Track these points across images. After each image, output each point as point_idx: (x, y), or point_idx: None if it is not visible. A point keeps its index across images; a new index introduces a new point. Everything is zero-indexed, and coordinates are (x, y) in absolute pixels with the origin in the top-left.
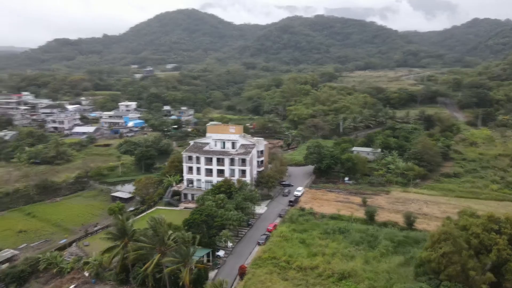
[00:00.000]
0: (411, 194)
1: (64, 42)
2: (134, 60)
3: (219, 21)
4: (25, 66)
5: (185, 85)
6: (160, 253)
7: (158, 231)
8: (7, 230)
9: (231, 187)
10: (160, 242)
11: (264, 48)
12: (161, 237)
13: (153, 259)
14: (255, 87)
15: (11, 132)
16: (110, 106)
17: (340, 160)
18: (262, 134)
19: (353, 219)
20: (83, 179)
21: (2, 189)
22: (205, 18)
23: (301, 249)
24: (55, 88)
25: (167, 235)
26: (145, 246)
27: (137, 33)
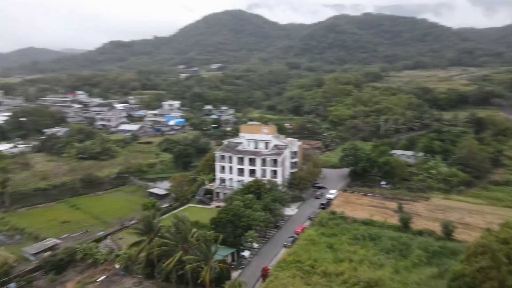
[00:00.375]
0: (453, 202)
1: (118, 44)
2: (181, 60)
3: (264, 21)
4: (83, 67)
5: (228, 84)
6: (182, 250)
7: (180, 229)
8: (52, 220)
9: (261, 188)
10: (183, 240)
11: (308, 48)
12: (183, 235)
13: (175, 256)
14: (297, 87)
15: (64, 128)
16: (154, 105)
17: (377, 163)
18: (301, 134)
19: (386, 225)
20: (124, 175)
21: (52, 182)
22: (251, 19)
23: (328, 254)
24: (106, 88)
25: (190, 233)
26: (169, 242)
27: (185, 34)
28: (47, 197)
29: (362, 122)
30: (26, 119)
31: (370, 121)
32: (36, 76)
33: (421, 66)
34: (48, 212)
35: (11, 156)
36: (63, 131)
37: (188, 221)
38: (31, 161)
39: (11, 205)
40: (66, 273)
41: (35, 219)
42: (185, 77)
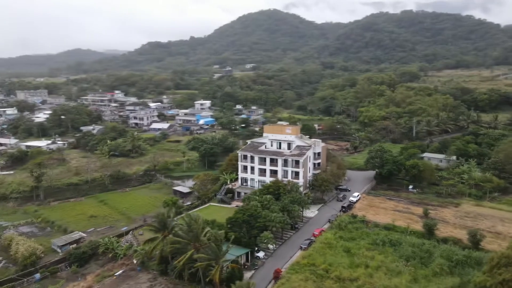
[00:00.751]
0: (485, 209)
1: (156, 45)
2: (216, 60)
3: (300, 20)
4: (123, 67)
5: (259, 84)
6: (194, 249)
7: (192, 228)
8: (81, 214)
9: (280, 188)
10: (194, 239)
11: (344, 47)
12: (195, 233)
13: (186, 254)
14: (329, 87)
15: (98, 126)
16: (186, 104)
17: (404, 166)
18: (330, 135)
19: (409, 231)
20: (151, 172)
21: (83, 177)
22: (286, 18)
23: (344, 258)
24: (142, 87)
25: (202, 232)
26: (181, 240)
27: (220, 34)
28: (78, 191)
29: (393, 124)
30: (65, 117)
31: (401, 123)
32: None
33: (463, 65)
34: (77, 206)
35: (48, 152)
36: (97, 129)
37: (200, 220)
38: (67, 157)
39: (45, 198)
40: (88, 266)
41: (65, 213)
42: (218, 77)
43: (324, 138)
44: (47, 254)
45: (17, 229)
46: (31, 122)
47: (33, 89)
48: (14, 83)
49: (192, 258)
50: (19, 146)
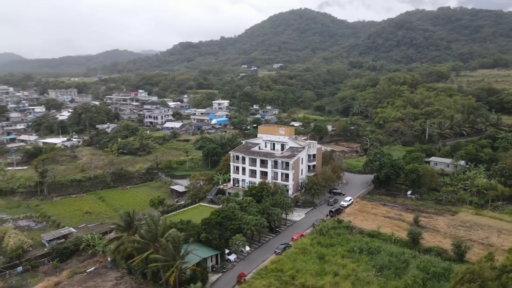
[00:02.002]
0: (485, 218)
1: (187, 45)
2: (244, 60)
3: (331, 19)
4: (155, 67)
5: (280, 84)
6: (153, 249)
7: (151, 228)
8: (77, 210)
9: (264, 190)
10: (153, 239)
11: (374, 46)
12: (153, 234)
13: (142, 254)
14: (351, 87)
15: (113, 125)
16: (205, 104)
17: (403, 170)
18: (343, 137)
19: (393, 239)
20: (153, 171)
21: (87, 174)
22: (317, 17)
23: (315, 265)
24: (165, 87)
25: (160, 233)
26: (141, 240)
27: (250, 34)
28: (81, 188)
29: (405, 126)
30: (84, 115)
31: (414, 125)
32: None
33: (501, 65)
34: (77, 202)
35: (63, 149)
36: (112, 127)
37: (161, 221)
38: (78, 154)
39: (48, 193)
40: (70, 261)
41: (64, 208)
42: (240, 77)
43: (337, 140)
44: (36, 248)
45: (15, 223)
46: (53, 120)
47: (64, 88)
48: (49, 83)
49: (151, 259)
50: (37, 142)
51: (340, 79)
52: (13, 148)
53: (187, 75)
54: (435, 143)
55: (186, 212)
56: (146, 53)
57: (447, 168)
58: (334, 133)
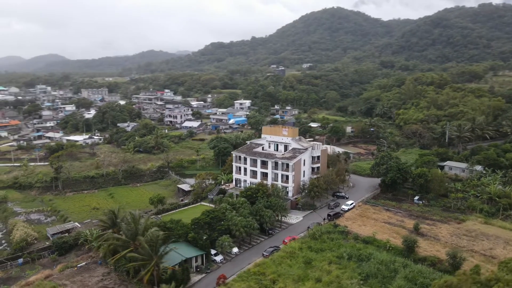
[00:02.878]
0: (494, 228)
1: (219, 45)
2: (274, 60)
3: (364, 18)
4: (186, 67)
5: (305, 84)
6: (133, 247)
7: (131, 227)
8: (86, 205)
9: (259, 192)
10: (133, 237)
11: (408, 45)
12: (133, 232)
13: (121, 252)
14: (377, 88)
15: (133, 123)
16: (227, 104)
17: (410, 175)
18: (362, 138)
19: (388, 246)
20: (164, 169)
21: (101, 171)
22: (350, 16)
23: (299, 270)
24: (190, 86)
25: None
26: (121, 238)
27: (281, 34)
28: (94, 184)
29: (424, 128)
30: (107, 114)
31: (434, 127)
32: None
33: None
34: (87, 198)
35: (84, 146)
36: (132, 126)
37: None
38: (97, 151)
39: (62, 189)
40: (68, 255)
41: (74, 203)
42: (265, 77)
43: (355, 141)
44: (41, 241)
45: (27, 216)
46: (80, 118)
47: (97, 87)
48: (83, 82)
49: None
50: (61, 139)
51: (368, 79)
52: (39, 144)
53: (212, 75)
54: (456, 146)
55: (185, 211)
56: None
57: (462, 173)
58: (353, 134)
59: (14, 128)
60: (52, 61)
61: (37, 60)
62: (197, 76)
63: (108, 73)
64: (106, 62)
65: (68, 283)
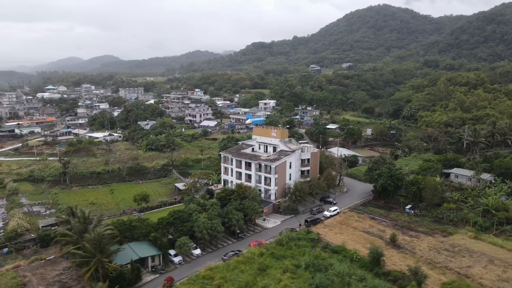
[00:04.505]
0: (483, 244)
1: (259, 45)
2: (313, 60)
3: (412, 15)
4: (226, 66)
5: (335, 84)
6: (81, 244)
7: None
8: (85, 200)
9: (233, 193)
10: (80, 234)
11: (457, 43)
12: (81, 229)
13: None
14: (410, 88)
15: (152, 122)
16: (252, 104)
17: (403, 182)
18: (381, 141)
19: (355, 257)
20: (168, 167)
21: (107, 167)
22: (396, 14)
23: (250, 277)
24: (220, 86)
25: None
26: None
27: (324, 33)
28: (99, 180)
29: (440, 131)
30: (131, 112)
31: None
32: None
33: None
34: (89, 193)
35: (103, 142)
36: (150, 124)
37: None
38: (114, 148)
39: (70, 183)
40: (50, 248)
41: (75, 197)
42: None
43: (373, 144)
44: (32, 232)
45: (30, 208)
46: (108, 116)
47: (136, 87)
48: (123, 82)
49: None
50: (84, 136)
51: (404, 80)
52: (63, 140)
53: (243, 75)
54: (472, 152)
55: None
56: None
57: (469, 182)
58: (372, 137)
59: (49, 124)
60: (107, 61)
61: (94, 61)
62: (228, 76)
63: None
64: (155, 62)
65: (30, 275)
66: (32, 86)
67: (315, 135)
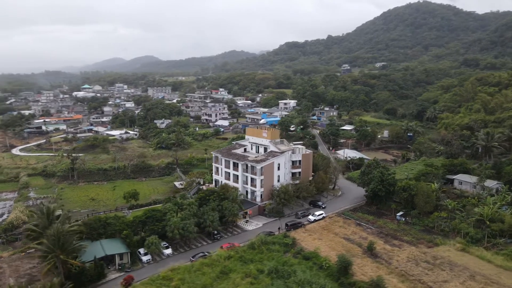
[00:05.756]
0: (469, 257)
1: (292, 45)
2: (346, 59)
3: (454, 12)
4: (259, 66)
5: (360, 84)
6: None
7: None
8: (86, 196)
9: (213, 194)
10: (43, 229)
11: (501, 41)
12: (44, 224)
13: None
14: (440, 88)
15: (168, 120)
16: (272, 103)
17: (394, 187)
18: (398, 144)
19: (324, 265)
20: (173, 166)
21: (114, 165)
22: (437, 10)
23: (209, 280)
24: (244, 86)
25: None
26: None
27: (359, 32)
28: (105, 176)
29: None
30: (150, 111)
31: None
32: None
33: None
34: (92, 188)
35: (119, 140)
36: (166, 123)
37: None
38: (127, 145)
39: (77, 179)
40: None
41: (77, 193)
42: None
43: (388, 147)
44: None
45: (35, 201)
46: (128, 114)
47: (165, 86)
48: (154, 81)
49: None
50: (102, 134)
51: (437, 79)
52: (81, 137)
53: (267, 74)
54: (490, 158)
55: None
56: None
57: (473, 189)
58: (388, 139)
59: (75, 122)
60: (147, 62)
61: (135, 61)
62: (252, 76)
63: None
64: (192, 62)
65: (6, 266)
66: (71, 85)
67: (327, 136)
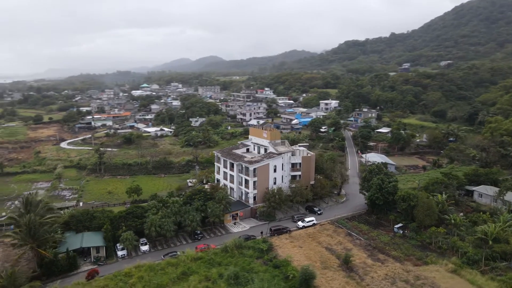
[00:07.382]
0: (458, 281)
1: (352, 44)
2: (409, 58)
3: None
4: (316, 66)
5: (412, 85)
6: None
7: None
8: (104, 189)
9: (199, 193)
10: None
11: None
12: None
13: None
14: (502, 89)
15: (201, 119)
16: (313, 104)
17: (393, 196)
18: (436, 149)
19: (291, 275)
20: (193, 163)
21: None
22: None
23: (167, 280)
24: (290, 85)
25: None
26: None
27: (426, 28)
28: (129, 171)
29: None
30: (189, 109)
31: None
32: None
33: None
34: (114, 182)
35: (153, 137)
36: (200, 121)
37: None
38: (159, 142)
39: (104, 172)
40: None
41: (100, 186)
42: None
43: (425, 152)
44: None
45: (60, 192)
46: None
47: (216, 85)
48: (206, 80)
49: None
50: (140, 130)
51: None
52: (121, 133)
53: (315, 74)
54: None
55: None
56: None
57: (494, 203)
58: (426, 143)
59: (122, 118)
60: (211, 61)
61: (200, 62)
62: (299, 75)
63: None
64: (252, 62)
65: (1, 250)
66: (134, 84)
67: (359, 139)
